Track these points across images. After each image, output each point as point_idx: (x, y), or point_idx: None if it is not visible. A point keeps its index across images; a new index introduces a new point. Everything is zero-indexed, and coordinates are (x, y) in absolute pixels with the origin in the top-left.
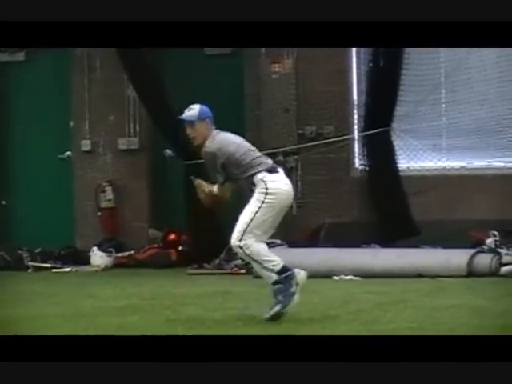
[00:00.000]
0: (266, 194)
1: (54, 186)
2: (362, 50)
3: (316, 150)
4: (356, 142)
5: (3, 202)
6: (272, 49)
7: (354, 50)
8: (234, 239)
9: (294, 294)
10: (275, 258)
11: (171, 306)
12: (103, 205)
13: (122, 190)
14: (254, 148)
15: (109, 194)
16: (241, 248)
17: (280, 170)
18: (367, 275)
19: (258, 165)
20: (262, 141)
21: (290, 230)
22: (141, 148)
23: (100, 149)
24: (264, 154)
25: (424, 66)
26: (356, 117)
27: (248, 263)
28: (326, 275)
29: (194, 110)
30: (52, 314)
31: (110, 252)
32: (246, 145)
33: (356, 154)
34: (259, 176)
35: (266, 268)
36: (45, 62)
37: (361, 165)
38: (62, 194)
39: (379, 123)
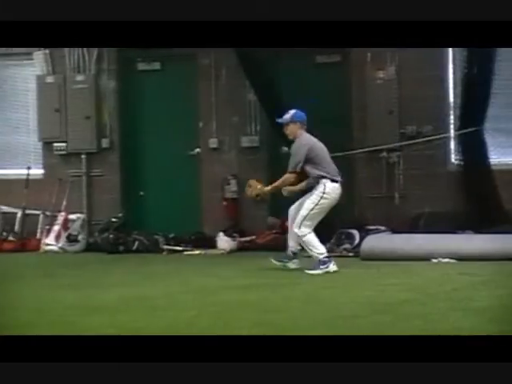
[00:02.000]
0: (322, 197)
1: (185, 179)
2: (458, 57)
3: (416, 147)
4: (452, 139)
5: (141, 193)
6: (376, 56)
7: (450, 57)
8: (295, 227)
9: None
10: (321, 249)
11: (287, 285)
12: (228, 195)
13: (245, 182)
14: (330, 160)
15: (233, 186)
16: (298, 235)
17: (339, 179)
18: (462, 258)
19: (328, 172)
20: (368, 139)
21: (392, 218)
22: (261, 145)
23: (225, 146)
24: (369, 150)
25: None
26: (452, 117)
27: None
28: (425, 258)
29: (289, 115)
30: (180, 290)
31: (234, 237)
32: (327, 154)
33: (452, 151)
34: (323, 180)
35: (312, 254)
36: (177, 70)
37: (456, 160)
38: (192, 186)
39: (473, 123)
